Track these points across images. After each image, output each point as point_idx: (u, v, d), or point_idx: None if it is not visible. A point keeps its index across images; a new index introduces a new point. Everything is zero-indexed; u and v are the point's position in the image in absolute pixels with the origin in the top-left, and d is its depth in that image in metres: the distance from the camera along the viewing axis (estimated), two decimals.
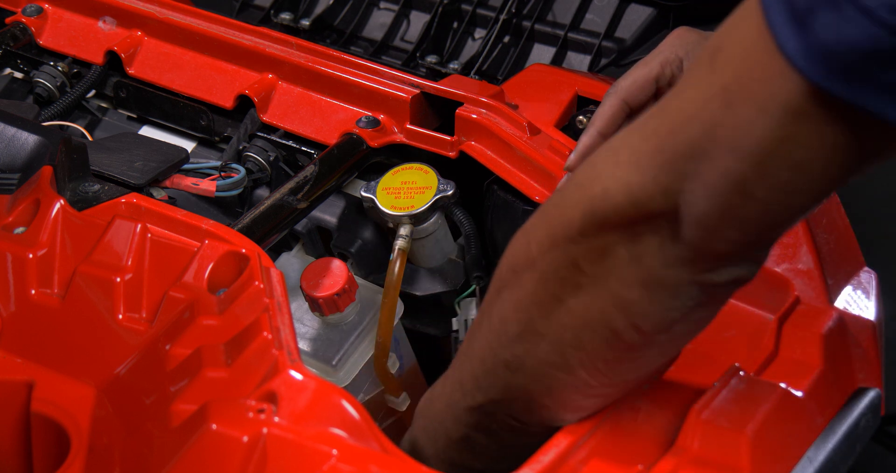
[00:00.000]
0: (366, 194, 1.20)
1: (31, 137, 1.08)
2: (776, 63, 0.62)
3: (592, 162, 0.75)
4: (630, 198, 0.72)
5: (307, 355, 1.17)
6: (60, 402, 0.89)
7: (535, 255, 0.78)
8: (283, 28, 1.70)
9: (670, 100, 0.71)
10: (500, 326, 0.83)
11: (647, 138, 0.71)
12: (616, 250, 0.74)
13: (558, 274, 0.77)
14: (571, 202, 0.76)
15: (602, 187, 0.73)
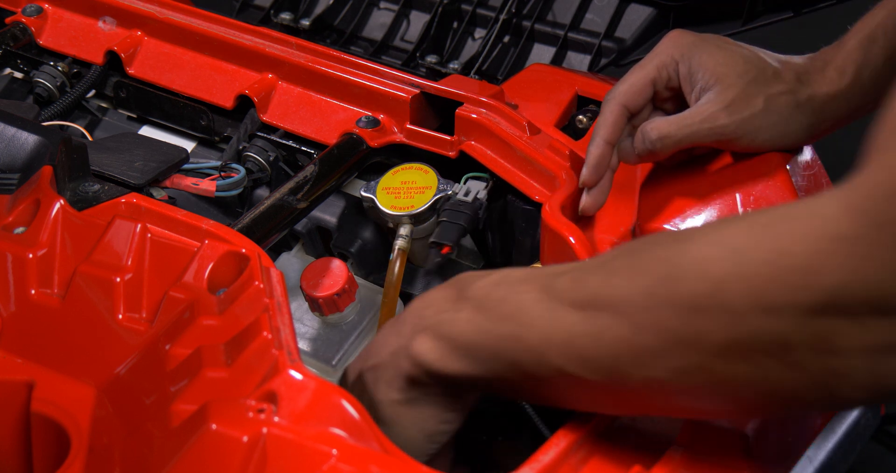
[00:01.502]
0: (366, 194, 1.20)
1: (31, 137, 1.08)
2: None
3: (820, 249, 0.65)
4: (874, 294, 0.64)
5: (307, 355, 1.17)
6: (60, 402, 0.89)
7: (738, 310, 0.69)
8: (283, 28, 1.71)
9: (885, 171, 0.63)
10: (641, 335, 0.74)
11: (881, 228, 0.63)
12: (838, 338, 0.67)
13: (759, 339, 0.69)
14: (796, 288, 0.66)
15: (839, 281, 0.65)
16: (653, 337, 0.72)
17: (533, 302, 0.79)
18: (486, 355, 0.82)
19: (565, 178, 1.11)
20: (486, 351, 0.82)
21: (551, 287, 0.79)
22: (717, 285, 0.69)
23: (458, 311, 0.84)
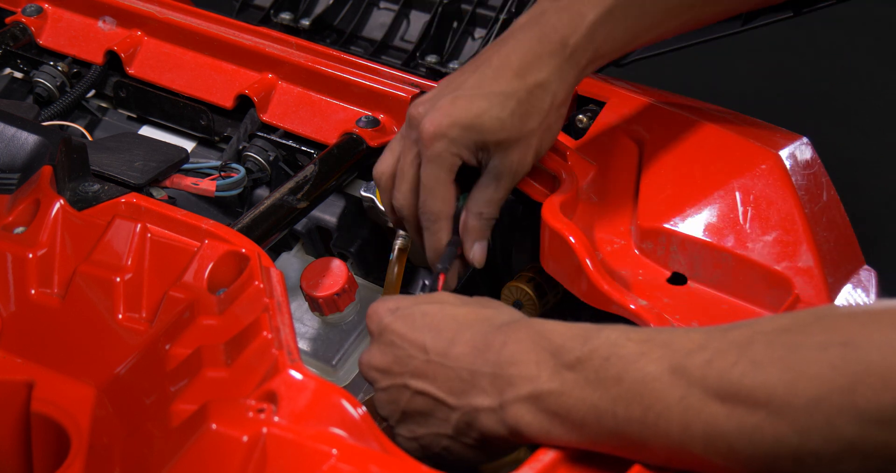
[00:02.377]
0: (365, 194, 1.20)
1: (30, 137, 1.08)
2: None
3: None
4: None
5: (307, 354, 1.17)
6: (60, 402, 0.89)
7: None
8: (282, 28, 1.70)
9: None
10: None
11: None
12: None
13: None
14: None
15: None
16: (824, 443, 0.70)
17: (665, 387, 0.74)
18: (605, 433, 0.78)
19: (565, 177, 1.11)
20: (605, 430, 0.78)
21: (684, 369, 0.74)
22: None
23: (563, 382, 0.79)
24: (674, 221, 1.08)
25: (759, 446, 0.71)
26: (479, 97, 1.03)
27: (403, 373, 0.89)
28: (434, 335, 0.88)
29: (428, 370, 0.87)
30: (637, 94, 1.25)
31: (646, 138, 1.18)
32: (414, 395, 0.88)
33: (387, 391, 0.90)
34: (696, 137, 1.16)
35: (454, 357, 0.86)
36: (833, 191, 1.13)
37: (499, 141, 1.04)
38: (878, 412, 0.67)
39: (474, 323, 0.88)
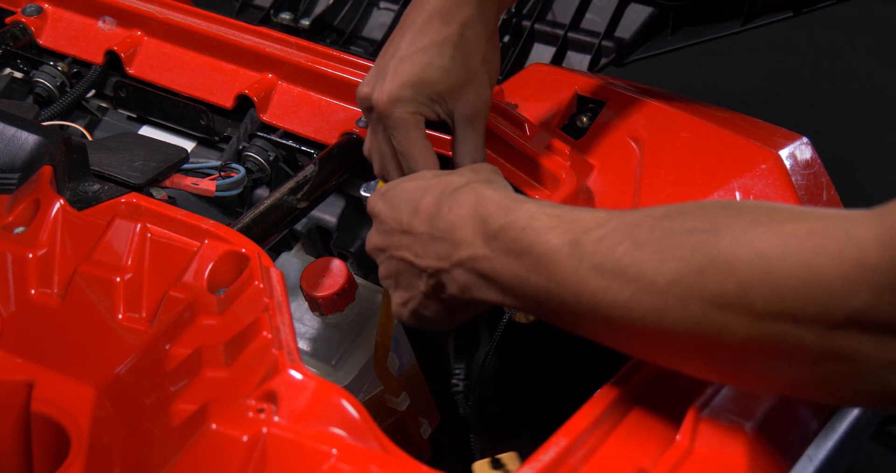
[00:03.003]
0: (365, 194, 1.20)
1: (30, 137, 1.08)
2: None
3: (849, 277, 0.68)
4: (891, 321, 0.67)
5: (307, 354, 1.17)
6: (60, 402, 0.89)
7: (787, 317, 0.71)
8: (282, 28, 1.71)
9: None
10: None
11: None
12: (862, 357, 0.70)
13: (778, 342, 0.72)
14: (821, 306, 0.69)
15: (863, 306, 0.68)
16: (676, 322, 0.76)
17: (563, 259, 0.82)
18: (528, 298, 0.86)
19: (565, 177, 1.11)
20: (527, 295, 0.86)
21: (581, 244, 0.81)
22: (744, 287, 0.72)
23: (491, 249, 0.88)
24: None
25: (629, 319, 0.78)
26: (416, 54, 1.05)
27: (390, 246, 0.98)
28: (408, 208, 0.96)
29: (404, 240, 0.96)
30: (637, 94, 1.25)
31: (646, 138, 1.18)
32: (398, 263, 0.97)
33: (383, 265, 1.00)
34: (696, 136, 1.17)
35: (416, 226, 0.95)
36: (833, 191, 1.13)
37: (451, 88, 1.06)
38: (720, 296, 0.73)
39: (434, 190, 0.95)
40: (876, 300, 0.67)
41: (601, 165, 1.17)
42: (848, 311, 0.68)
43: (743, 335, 0.73)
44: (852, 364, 0.70)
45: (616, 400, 0.87)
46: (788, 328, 0.71)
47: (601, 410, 0.85)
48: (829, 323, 0.69)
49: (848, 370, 0.71)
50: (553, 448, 0.82)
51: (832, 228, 0.70)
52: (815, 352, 0.71)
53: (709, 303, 0.74)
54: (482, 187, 0.93)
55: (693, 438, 0.83)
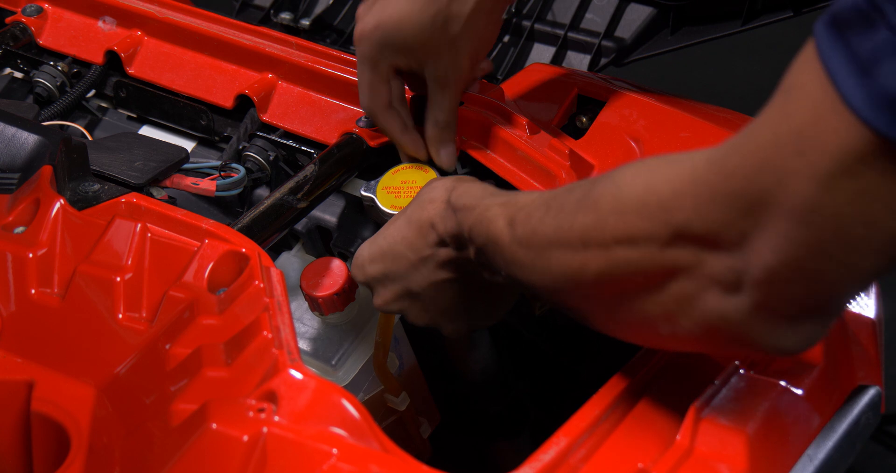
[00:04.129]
0: (366, 194, 1.20)
1: (30, 137, 1.08)
2: (843, 115, 0.62)
3: (677, 190, 0.73)
4: (710, 237, 0.71)
5: (307, 354, 1.17)
6: (60, 402, 0.89)
7: (610, 239, 0.77)
8: (282, 28, 1.71)
9: (748, 137, 0.69)
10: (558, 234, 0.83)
11: (728, 178, 0.69)
12: (686, 272, 0.74)
13: (623, 268, 0.77)
14: (655, 223, 0.74)
15: (686, 218, 0.72)
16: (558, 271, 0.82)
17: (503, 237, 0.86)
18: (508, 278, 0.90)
19: (565, 177, 1.11)
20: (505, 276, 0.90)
21: (514, 221, 0.86)
22: (601, 219, 0.77)
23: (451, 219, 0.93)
24: None
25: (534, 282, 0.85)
26: (404, 1, 1.07)
27: (410, 286, 1.00)
28: (405, 246, 0.98)
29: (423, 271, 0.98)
30: (637, 94, 1.25)
31: (645, 138, 1.18)
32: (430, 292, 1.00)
33: (412, 309, 1.02)
34: (696, 136, 1.16)
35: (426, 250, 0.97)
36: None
37: (424, 45, 1.08)
38: (584, 234, 0.78)
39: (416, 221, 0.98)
40: (696, 212, 0.71)
41: (601, 165, 1.17)
42: (674, 224, 0.72)
43: (597, 269, 0.78)
44: (684, 284, 0.74)
45: (616, 400, 0.87)
46: (630, 252, 0.75)
47: (601, 410, 0.86)
48: (660, 240, 0.73)
49: (684, 291, 0.74)
50: (553, 448, 0.82)
51: (682, 157, 0.74)
52: (654, 274, 0.75)
53: (575, 244, 0.79)
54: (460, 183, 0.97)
55: (693, 438, 0.84)
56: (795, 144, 0.65)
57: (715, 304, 0.73)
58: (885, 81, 0.60)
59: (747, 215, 0.69)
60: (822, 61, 0.63)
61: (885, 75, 0.60)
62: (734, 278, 0.71)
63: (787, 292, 0.70)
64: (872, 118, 0.61)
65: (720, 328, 0.74)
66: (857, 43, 0.62)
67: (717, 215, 0.70)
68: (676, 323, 0.77)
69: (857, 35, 0.62)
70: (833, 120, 0.62)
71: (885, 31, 0.60)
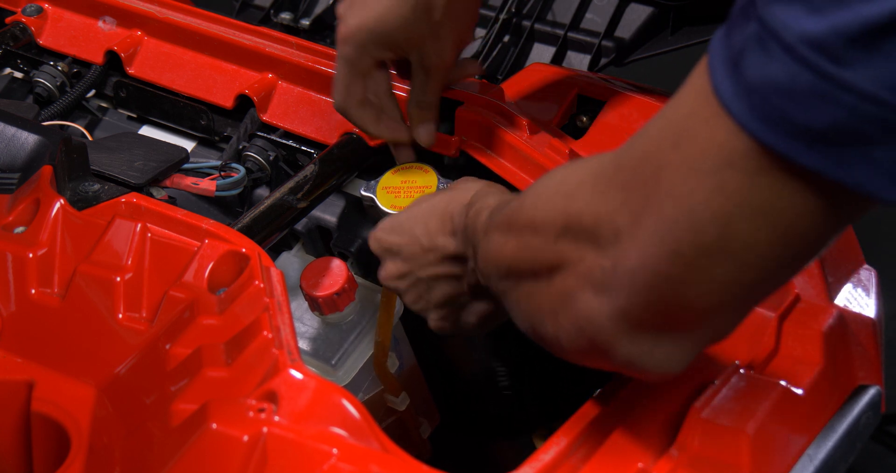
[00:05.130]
0: (366, 194, 1.20)
1: (30, 137, 1.08)
2: (713, 105, 0.62)
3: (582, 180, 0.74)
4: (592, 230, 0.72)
5: (307, 354, 1.17)
6: (60, 402, 0.89)
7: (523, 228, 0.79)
8: (283, 28, 1.71)
9: (643, 130, 0.70)
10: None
11: (619, 170, 0.70)
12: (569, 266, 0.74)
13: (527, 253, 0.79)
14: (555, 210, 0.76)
15: (579, 209, 0.73)
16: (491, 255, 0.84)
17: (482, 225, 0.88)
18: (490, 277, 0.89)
19: None
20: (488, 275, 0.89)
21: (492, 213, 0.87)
22: (520, 206, 0.80)
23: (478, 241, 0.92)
24: None
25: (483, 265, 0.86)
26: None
27: (414, 269, 0.99)
28: (423, 231, 0.98)
29: (431, 257, 0.98)
30: (637, 93, 1.25)
31: None
32: (429, 281, 0.99)
33: (409, 292, 1.01)
34: None
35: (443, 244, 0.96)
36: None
37: (408, 38, 1.09)
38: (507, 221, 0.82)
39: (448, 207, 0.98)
40: (588, 202, 0.72)
41: None
42: (569, 214, 0.74)
43: (511, 252, 0.80)
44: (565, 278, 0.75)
45: (616, 400, 0.87)
46: (532, 238, 0.77)
47: (601, 410, 0.86)
48: (555, 229, 0.75)
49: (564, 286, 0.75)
50: (553, 448, 0.82)
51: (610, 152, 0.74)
52: (545, 264, 0.76)
53: (503, 227, 0.82)
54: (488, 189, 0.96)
55: (694, 438, 0.84)
56: (674, 136, 0.65)
57: (585, 303, 0.73)
58: (746, 72, 0.60)
59: (625, 209, 0.69)
60: (708, 56, 0.64)
61: (747, 66, 0.60)
62: (603, 278, 0.71)
63: (648, 299, 0.69)
64: (735, 110, 0.61)
65: (587, 331, 0.74)
66: (734, 36, 0.62)
67: (601, 207, 0.71)
68: (557, 322, 0.77)
69: (736, 28, 0.62)
70: (706, 111, 0.63)
71: (753, 23, 0.60)
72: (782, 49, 0.58)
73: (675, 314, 0.69)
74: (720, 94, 0.62)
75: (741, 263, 0.65)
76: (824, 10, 0.57)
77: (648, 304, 0.69)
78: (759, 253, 0.65)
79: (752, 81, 0.60)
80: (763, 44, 0.59)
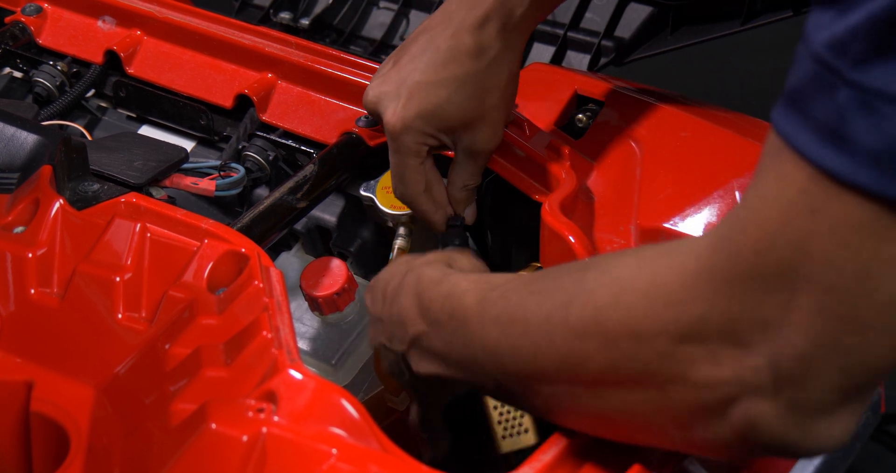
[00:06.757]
0: (365, 194, 1.20)
1: (30, 137, 1.08)
2: (826, 187, 0.60)
3: (686, 282, 0.68)
4: (728, 330, 0.66)
5: (306, 354, 1.17)
6: (60, 402, 0.89)
7: (614, 336, 0.72)
8: (282, 27, 1.71)
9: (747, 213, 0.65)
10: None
11: (739, 260, 0.65)
12: (697, 370, 0.68)
13: (628, 366, 0.72)
14: (663, 321, 0.69)
15: (700, 313, 0.67)
16: (548, 360, 0.76)
17: (472, 315, 0.82)
18: (459, 365, 0.85)
19: (565, 177, 1.11)
20: (457, 362, 0.85)
21: (485, 299, 0.82)
22: (599, 312, 0.72)
23: (427, 324, 0.86)
24: (673, 220, 1.08)
25: (515, 366, 0.79)
26: (436, 85, 1.04)
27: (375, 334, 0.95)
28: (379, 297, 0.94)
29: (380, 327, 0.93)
30: (636, 93, 1.25)
31: (645, 138, 1.18)
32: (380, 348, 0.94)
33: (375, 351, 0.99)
34: (696, 136, 1.17)
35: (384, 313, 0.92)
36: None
37: (463, 124, 1.06)
38: (580, 324, 0.73)
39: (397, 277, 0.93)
40: (708, 305, 0.66)
41: (601, 165, 1.17)
42: (688, 320, 0.67)
43: (600, 363, 0.72)
44: (694, 388, 0.69)
45: None
46: (636, 347, 0.70)
47: None
48: (671, 337, 0.68)
49: (692, 397, 0.69)
50: (553, 448, 0.82)
51: (682, 245, 0.70)
52: (662, 374, 0.70)
53: (570, 334, 0.74)
54: (424, 268, 0.91)
55: None
56: (803, 208, 0.61)
57: (744, 411, 0.68)
58: (860, 140, 0.58)
59: (767, 296, 0.64)
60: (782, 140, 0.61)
61: (858, 134, 0.58)
62: (760, 378, 0.66)
63: (826, 379, 0.64)
64: (867, 182, 0.58)
65: (752, 437, 0.68)
66: (815, 111, 0.60)
67: (732, 305, 0.65)
68: (691, 436, 0.72)
69: (812, 103, 0.60)
70: (820, 196, 0.60)
71: (843, 91, 0.58)
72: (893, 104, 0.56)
73: (857, 383, 0.65)
74: (836, 171, 0.59)
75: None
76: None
77: (827, 385, 0.65)
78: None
79: (871, 146, 0.57)
80: (868, 106, 0.57)
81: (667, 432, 0.73)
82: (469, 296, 0.83)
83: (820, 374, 0.64)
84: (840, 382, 0.64)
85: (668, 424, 0.72)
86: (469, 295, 0.83)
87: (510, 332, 0.78)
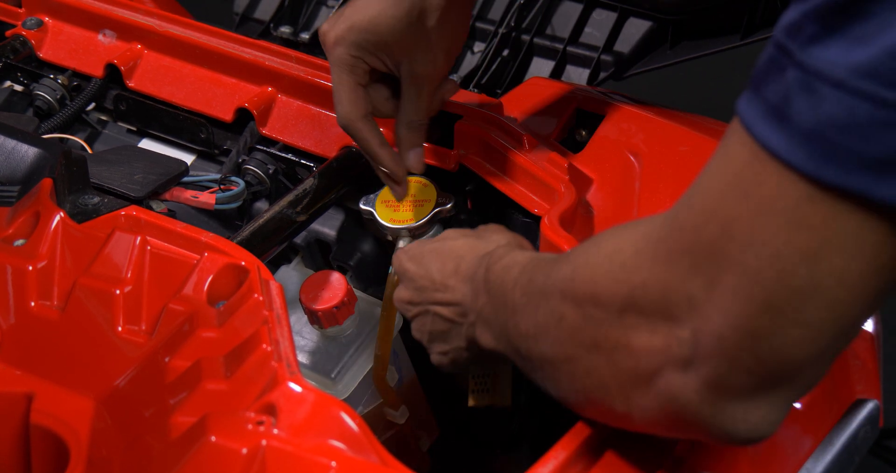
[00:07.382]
0: (365, 207, 1.20)
1: (30, 150, 1.08)
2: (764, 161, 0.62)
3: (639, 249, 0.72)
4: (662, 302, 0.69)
5: (306, 367, 1.17)
6: (60, 414, 0.89)
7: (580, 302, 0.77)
8: (282, 41, 1.71)
9: (695, 189, 0.68)
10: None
11: (680, 233, 0.68)
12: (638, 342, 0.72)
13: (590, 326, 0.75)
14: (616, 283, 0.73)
15: (642, 280, 0.70)
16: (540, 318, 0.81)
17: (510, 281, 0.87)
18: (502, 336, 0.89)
19: (564, 191, 1.11)
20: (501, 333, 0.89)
21: (524, 269, 0.86)
22: (575, 274, 0.77)
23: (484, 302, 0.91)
24: None
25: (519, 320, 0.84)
26: (375, 1, 1.05)
27: (423, 301, 1.00)
28: (439, 268, 0.99)
29: (438, 296, 0.98)
30: (636, 108, 1.25)
31: (644, 152, 1.18)
32: (434, 318, 0.99)
33: (416, 319, 1.02)
34: (695, 150, 1.17)
35: (453, 286, 0.97)
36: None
37: (399, 42, 1.06)
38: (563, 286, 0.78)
39: (466, 255, 0.98)
40: (651, 272, 0.70)
41: (600, 179, 1.18)
42: (632, 285, 0.71)
43: (571, 322, 0.77)
44: (634, 356, 0.72)
45: None
46: (594, 310, 0.74)
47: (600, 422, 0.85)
48: (618, 303, 0.72)
49: (632, 364, 0.72)
50: (552, 461, 0.82)
51: (650, 217, 0.73)
52: (611, 339, 0.73)
53: (556, 295, 0.79)
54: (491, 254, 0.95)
55: (691, 451, 0.84)
56: (737, 189, 0.63)
57: (666, 382, 0.70)
58: (797, 118, 0.59)
59: (696, 272, 0.66)
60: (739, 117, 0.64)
61: (796, 113, 0.59)
62: (683, 352, 0.69)
63: (740, 362, 0.66)
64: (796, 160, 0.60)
65: (671, 408, 0.71)
66: (766, 91, 0.62)
67: (667, 276, 0.68)
68: (629, 400, 0.74)
69: (765, 83, 0.62)
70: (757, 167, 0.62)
71: (790, 71, 0.60)
72: (832, 86, 0.57)
73: (770, 371, 0.67)
74: (773, 147, 0.61)
75: (833, 300, 0.63)
76: (868, 38, 0.56)
77: (741, 367, 0.66)
78: (850, 286, 0.63)
79: (806, 127, 0.59)
80: (809, 87, 0.58)
81: (614, 402, 0.76)
82: (515, 268, 0.88)
83: (734, 355, 0.66)
84: (754, 367, 0.66)
85: (616, 393, 0.75)
86: (516, 268, 0.88)
87: (527, 295, 0.84)
